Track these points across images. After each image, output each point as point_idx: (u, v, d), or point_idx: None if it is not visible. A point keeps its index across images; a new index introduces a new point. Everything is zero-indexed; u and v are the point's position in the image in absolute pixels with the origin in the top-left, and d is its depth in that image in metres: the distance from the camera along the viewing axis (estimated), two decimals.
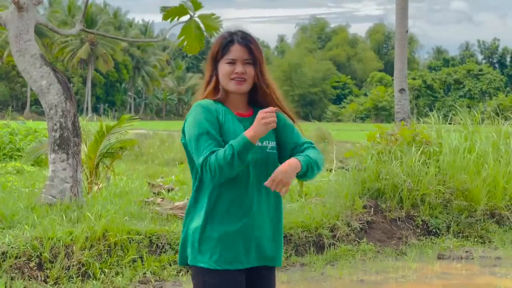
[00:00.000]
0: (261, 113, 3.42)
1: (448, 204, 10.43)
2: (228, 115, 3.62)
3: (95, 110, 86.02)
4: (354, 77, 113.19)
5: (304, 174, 3.52)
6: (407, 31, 17.47)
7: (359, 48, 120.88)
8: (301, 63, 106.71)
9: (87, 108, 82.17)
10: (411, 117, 16.12)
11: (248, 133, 3.41)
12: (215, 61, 3.68)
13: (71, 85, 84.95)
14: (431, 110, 14.28)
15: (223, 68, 3.62)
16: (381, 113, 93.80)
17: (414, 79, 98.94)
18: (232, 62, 3.61)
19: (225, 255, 3.54)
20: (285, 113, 3.75)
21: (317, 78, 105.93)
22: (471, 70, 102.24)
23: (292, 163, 3.45)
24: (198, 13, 10.74)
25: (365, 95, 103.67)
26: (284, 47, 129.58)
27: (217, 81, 3.68)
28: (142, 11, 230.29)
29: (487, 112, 13.49)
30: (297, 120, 3.81)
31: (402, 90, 17.01)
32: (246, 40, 3.65)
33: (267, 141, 3.63)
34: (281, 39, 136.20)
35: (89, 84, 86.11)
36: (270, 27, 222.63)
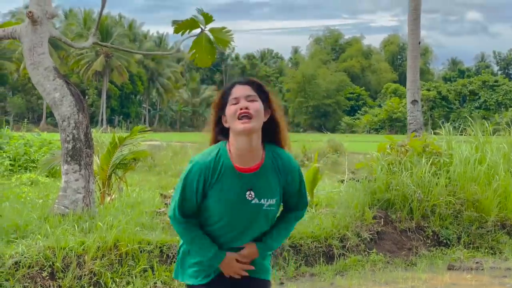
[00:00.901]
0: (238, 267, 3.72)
1: (459, 215, 10.46)
2: (229, 172, 3.62)
3: (110, 122, 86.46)
4: (368, 89, 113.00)
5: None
6: (419, 43, 17.53)
7: (374, 60, 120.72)
8: (315, 75, 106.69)
9: (102, 120, 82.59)
10: (424, 128, 16.16)
11: (222, 261, 3.70)
12: (219, 109, 3.70)
13: (86, 97, 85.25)
14: (446, 121, 14.22)
15: (229, 110, 3.60)
16: (395, 124, 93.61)
17: (429, 90, 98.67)
18: (236, 102, 3.59)
19: (205, 276, 3.79)
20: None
21: (331, 90, 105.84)
22: (487, 81, 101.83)
23: (252, 254, 3.79)
24: (209, 26, 10.86)
25: (380, 106, 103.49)
26: (298, 58, 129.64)
27: (219, 129, 3.73)
28: (157, 24, 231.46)
29: (501, 124, 13.48)
30: (290, 147, 3.88)
31: (414, 102, 17.06)
32: (247, 80, 3.68)
33: (266, 199, 3.66)
34: (295, 50, 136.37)
35: (104, 96, 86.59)
36: (284, 38, 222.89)
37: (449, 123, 12.75)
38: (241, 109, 3.53)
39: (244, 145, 3.59)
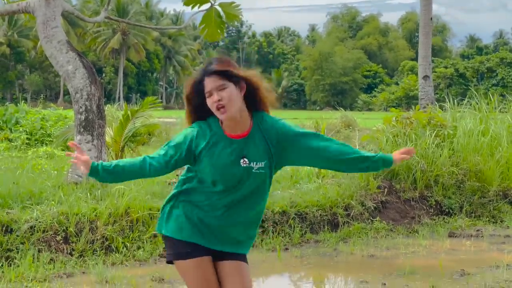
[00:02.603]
0: None
1: (461, 185, 10.70)
2: (220, 139, 3.86)
3: (127, 99, 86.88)
4: (385, 66, 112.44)
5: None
6: (431, 18, 17.71)
7: (391, 37, 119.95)
8: (332, 52, 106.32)
9: (119, 97, 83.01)
10: (435, 103, 16.33)
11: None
12: (195, 96, 3.88)
13: (103, 74, 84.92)
14: (463, 98, 14.29)
15: (208, 101, 3.82)
16: (412, 101, 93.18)
17: (446, 67, 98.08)
18: (210, 95, 3.80)
19: (188, 233, 3.92)
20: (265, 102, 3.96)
21: (348, 67, 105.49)
22: (505, 58, 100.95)
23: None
24: (218, 1, 11.11)
25: (397, 84, 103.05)
26: (315, 36, 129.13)
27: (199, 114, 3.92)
28: (174, 1, 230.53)
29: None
30: (276, 106, 4.04)
31: (426, 77, 17.27)
32: (212, 70, 3.82)
33: (255, 162, 3.87)
34: (312, 28, 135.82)
35: (121, 74, 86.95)
36: (301, 16, 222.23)
37: (465, 100, 12.90)
38: (214, 102, 3.77)
39: (231, 122, 3.86)
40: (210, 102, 3.78)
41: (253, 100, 3.90)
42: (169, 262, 4.03)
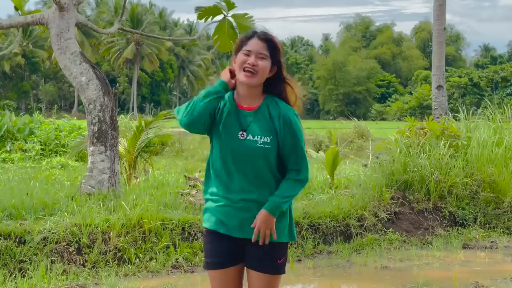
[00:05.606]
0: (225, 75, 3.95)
1: (475, 196, 10.64)
2: (231, 108, 3.97)
3: (141, 109, 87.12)
4: (399, 76, 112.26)
5: (281, 209, 3.93)
6: (444, 28, 17.62)
7: (404, 47, 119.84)
8: (346, 62, 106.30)
9: (133, 107, 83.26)
10: (449, 114, 16.24)
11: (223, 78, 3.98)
12: (236, 53, 3.99)
13: (117, 84, 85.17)
14: (477, 108, 14.24)
15: (239, 57, 3.93)
16: (426, 111, 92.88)
17: (460, 77, 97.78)
18: (248, 54, 3.90)
19: (217, 222, 4.02)
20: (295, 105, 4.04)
21: (361, 77, 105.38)
22: None
23: (265, 219, 3.89)
24: (231, 12, 11.12)
25: (410, 93, 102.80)
26: (328, 45, 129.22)
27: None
28: (187, 11, 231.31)
29: None
30: (301, 115, 4.08)
31: (439, 87, 17.15)
32: (266, 37, 3.95)
33: (258, 136, 3.91)
34: (326, 37, 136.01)
35: (134, 84, 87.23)
36: (315, 26, 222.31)
37: (480, 110, 12.84)
38: (248, 63, 3.88)
39: (243, 90, 3.97)
40: (243, 60, 3.89)
41: (276, 86, 4.00)
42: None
